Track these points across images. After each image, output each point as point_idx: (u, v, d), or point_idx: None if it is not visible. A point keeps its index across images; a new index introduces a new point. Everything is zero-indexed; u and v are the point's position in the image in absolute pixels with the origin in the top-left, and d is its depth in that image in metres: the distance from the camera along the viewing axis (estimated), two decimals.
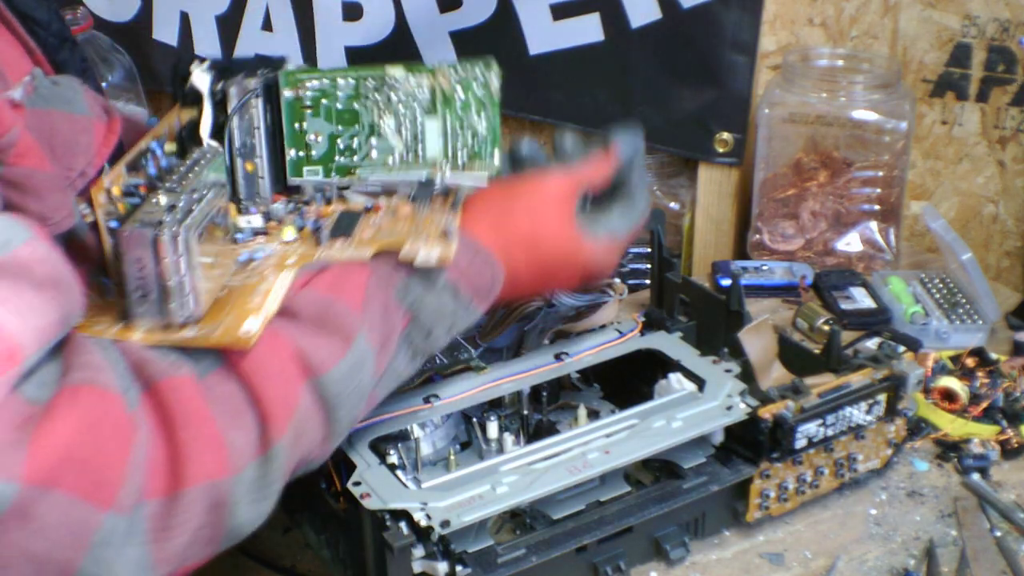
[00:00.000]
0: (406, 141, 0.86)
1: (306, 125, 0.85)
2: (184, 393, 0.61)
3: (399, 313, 0.73)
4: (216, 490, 0.60)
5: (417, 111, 0.85)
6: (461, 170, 0.85)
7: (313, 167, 0.85)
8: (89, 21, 1.39)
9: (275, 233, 0.81)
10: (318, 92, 0.84)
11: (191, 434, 0.59)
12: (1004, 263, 1.42)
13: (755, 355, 0.94)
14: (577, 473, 0.82)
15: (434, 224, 0.80)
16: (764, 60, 1.36)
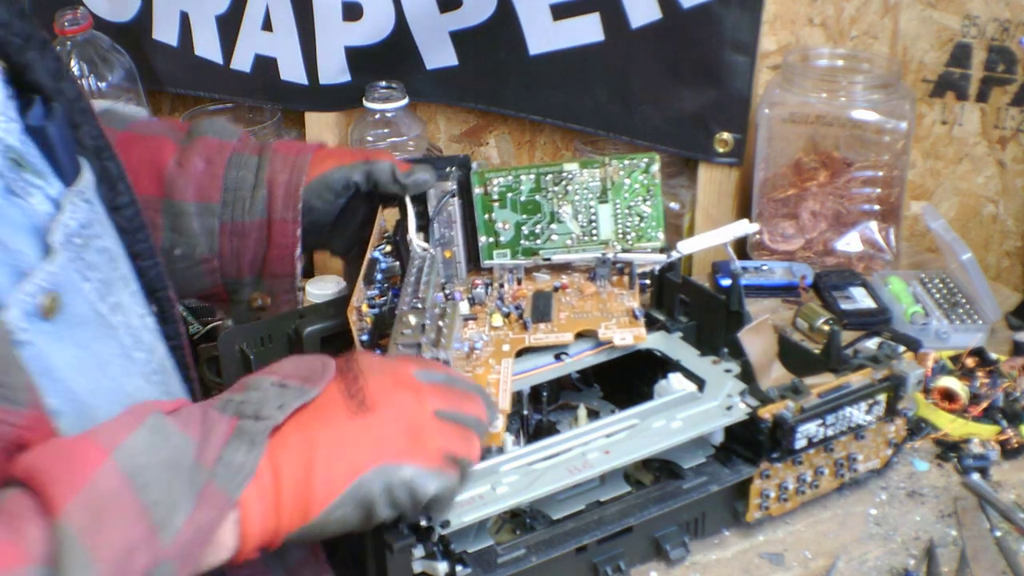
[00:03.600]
0: (582, 225, 1.01)
1: (495, 215, 1.01)
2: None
3: (223, 418, 0.67)
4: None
5: (590, 199, 1.01)
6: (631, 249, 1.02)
7: (502, 251, 1.02)
8: (89, 21, 1.39)
9: (483, 318, 0.97)
10: (504, 187, 1.02)
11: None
12: (1004, 263, 1.42)
13: (755, 355, 0.94)
14: (577, 473, 0.82)
15: (619, 303, 0.99)
16: (764, 60, 1.36)
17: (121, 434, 0.62)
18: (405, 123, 1.41)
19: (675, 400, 0.90)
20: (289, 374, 0.73)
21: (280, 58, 1.44)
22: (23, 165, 0.67)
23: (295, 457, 0.68)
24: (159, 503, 0.61)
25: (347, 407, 0.71)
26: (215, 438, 0.65)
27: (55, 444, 0.61)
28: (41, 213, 0.67)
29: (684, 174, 1.43)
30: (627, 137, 1.39)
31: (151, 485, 0.61)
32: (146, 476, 0.61)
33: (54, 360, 0.64)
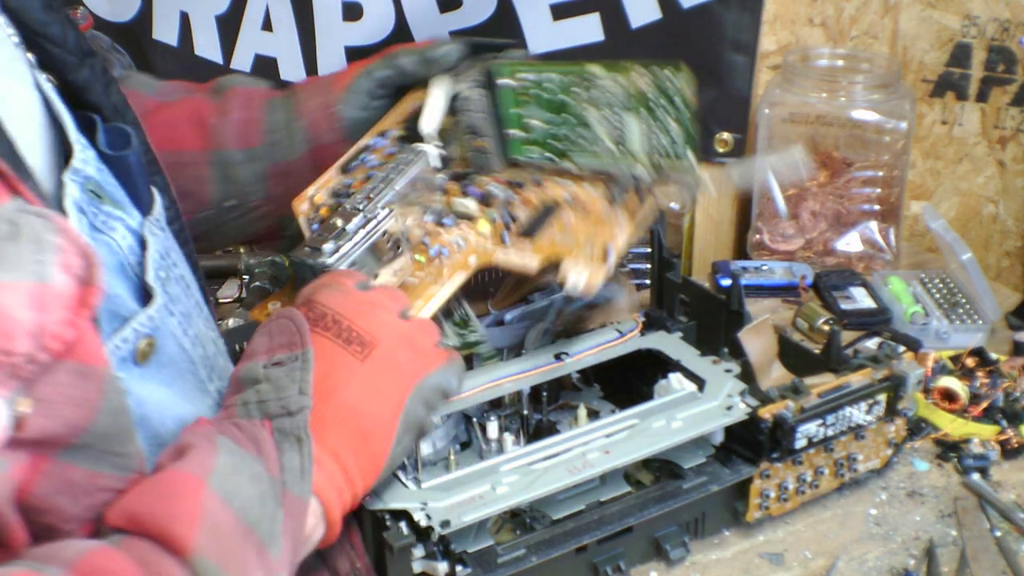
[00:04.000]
0: (610, 133, 0.91)
1: (523, 111, 0.91)
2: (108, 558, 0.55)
3: (257, 424, 0.66)
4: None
5: (616, 106, 0.90)
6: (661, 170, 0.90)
7: (531, 147, 0.92)
8: (89, 21, 1.39)
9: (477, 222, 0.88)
10: (529, 83, 0.92)
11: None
12: (1004, 263, 1.42)
13: (755, 355, 0.94)
14: (577, 473, 0.82)
15: (604, 236, 0.86)
16: (764, 60, 1.36)
17: (207, 460, 0.60)
18: None
19: (675, 400, 0.90)
20: (270, 348, 0.71)
21: (280, 58, 1.44)
22: (102, 197, 0.63)
23: (341, 428, 0.68)
24: (260, 521, 0.60)
25: (352, 354, 0.71)
26: (267, 447, 0.64)
27: (144, 487, 0.59)
28: (124, 248, 0.64)
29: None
30: None
31: (249, 506, 0.60)
32: (241, 498, 0.60)
33: (146, 407, 0.63)
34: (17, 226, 0.52)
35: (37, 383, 0.53)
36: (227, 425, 0.65)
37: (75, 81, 0.67)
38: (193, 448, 0.61)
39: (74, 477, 0.58)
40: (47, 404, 0.54)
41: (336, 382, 0.70)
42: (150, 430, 0.64)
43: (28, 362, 0.52)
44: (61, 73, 0.67)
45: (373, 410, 0.70)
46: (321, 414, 0.68)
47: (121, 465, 0.61)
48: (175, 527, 0.56)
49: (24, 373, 0.52)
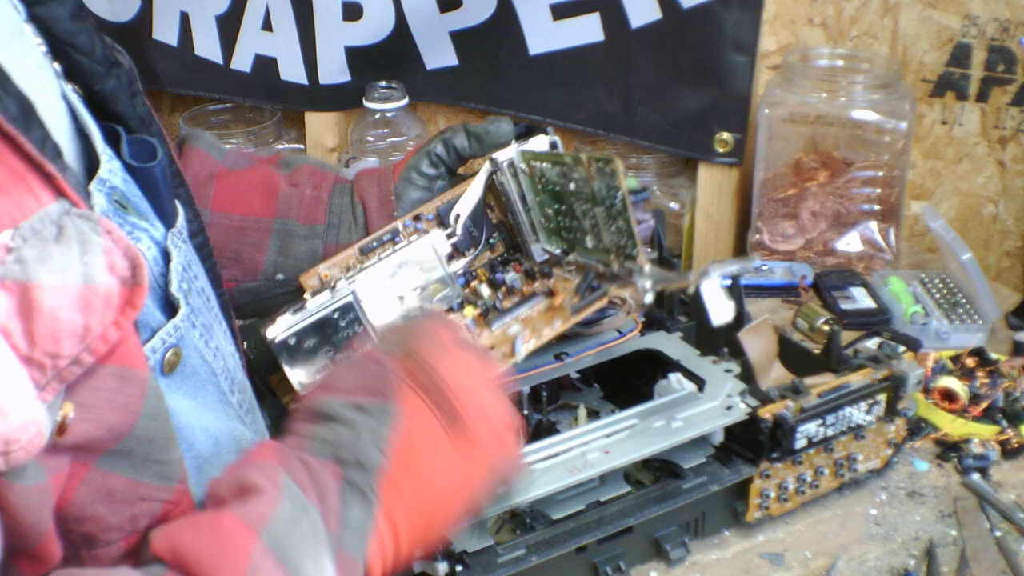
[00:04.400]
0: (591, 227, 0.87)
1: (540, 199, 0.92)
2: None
3: (326, 467, 0.64)
4: None
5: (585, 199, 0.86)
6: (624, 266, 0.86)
7: (555, 237, 0.92)
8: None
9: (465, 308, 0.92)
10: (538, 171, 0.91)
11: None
12: (1004, 263, 1.42)
13: (755, 355, 0.94)
14: (577, 473, 0.82)
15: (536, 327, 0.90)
16: (764, 60, 1.36)
17: (267, 510, 0.58)
18: (405, 123, 1.41)
19: (675, 400, 0.90)
20: (354, 389, 0.68)
21: (280, 58, 1.44)
22: (127, 208, 0.63)
23: (409, 501, 0.66)
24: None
25: (442, 427, 0.68)
26: (331, 498, 0.62)
27: (197, 524, 0.58)
28: (149, 259, 0.63)
29: (684, 174, 1.43)
30: (627, 137, 1.39)
31: (301, 563, 0.58)
32: (293, 553, 0.58)
33: (178, 418, 0.62)
34: (63, 228, 0.52)
35: (80, 387, 0.53)
36: (295, 461, 0.63)
37: (101, 91, 0.66)
38: (256, 492, 0.60)
39: (114, 485, 0.57)
40: (89, 408, 0.53)
41: (420, 452, 0.68)
42: (184, 440, 0.63)
43: (73, 364, 0.52)
44: (87, 83, 0.66)
45: (445, 491, 0.68)
46: (395, 479, 0.66)
47: (163, 474, 0.61)
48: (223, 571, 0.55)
49: (69, 376, 0.52)
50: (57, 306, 0.51)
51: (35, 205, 0.52)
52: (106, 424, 0.55)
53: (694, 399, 0.90)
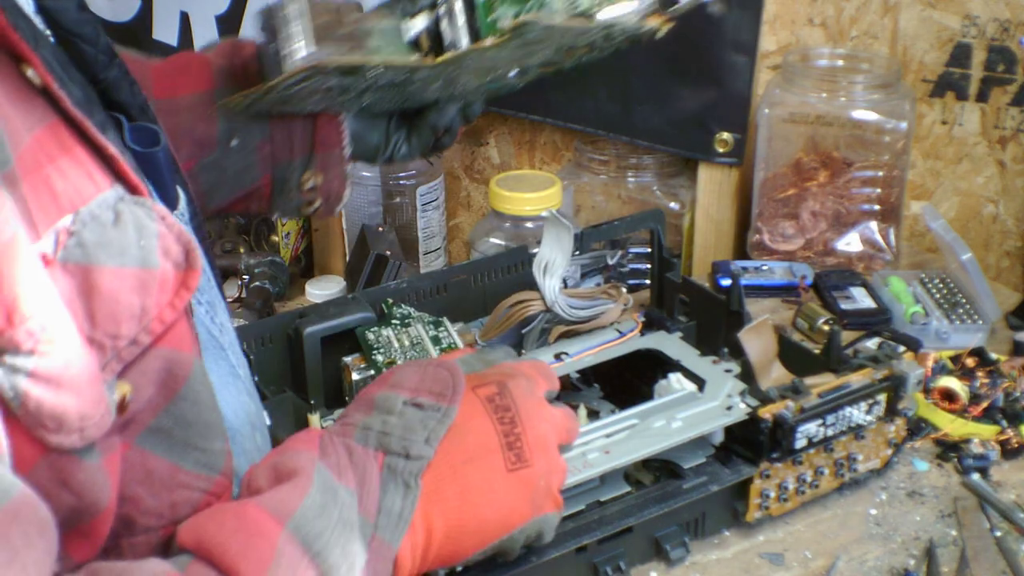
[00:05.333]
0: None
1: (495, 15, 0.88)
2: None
3: (370, 455, 0.66)
4: None
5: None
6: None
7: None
8: None
9: None
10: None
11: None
12: (1004, 263, 1.42)
13: (755, 355, 0.94)
14: (577, 473, 0.82)
15: None
16: (764, 60, 1.36)
17: (292, 503, 0.59)
18: None
19: (675, 400, 0.90)
20: (418, 388, 0.70)
21: None
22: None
23: (448, 512, 0.67)
24: (338, 567, 0.59)
25: (504, 459, 0.70)
26: (371, 483, 0.63)
27: (222, 514, 0.59)
28: None
29: (684, 174, 1.43)
30: (627, 137, 1.39)
31: (329, 551, 0.59)
32: (322, 541, 0.59)
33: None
34: (120, 214, 0.55)
35: (133, 368, 0.55)
36: (337, 446, 0.64)
37: (104, 80, 0.67)
38: (287, 481, 0.61)
39: (153, 467, 0.59)
40: (140, 389, 0.56)
41: (474, 469, 0.68)
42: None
43: (132, 344, 0.54)
44: (92, 72, 0.67)
45: (487, 516, 0.69)
46: (440, 485, 0.67)
47: (204, 462, 0.61)
48: (246, 567, 0.56)
49: (128, 356, 0.54)
50: (117, 288, 0.53)
51: (93, 191, 0.55)
52: (146, 398, 0.57)
53: (694, 399, 0.90)
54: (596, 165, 1.43)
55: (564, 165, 1.48)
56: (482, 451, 0.69)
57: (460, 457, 0.68)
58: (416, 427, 0.67)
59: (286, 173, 0.94)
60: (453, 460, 0.68)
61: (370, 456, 0.65)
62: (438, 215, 1.42)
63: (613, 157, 1.42)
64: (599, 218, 1.40)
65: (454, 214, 1.58)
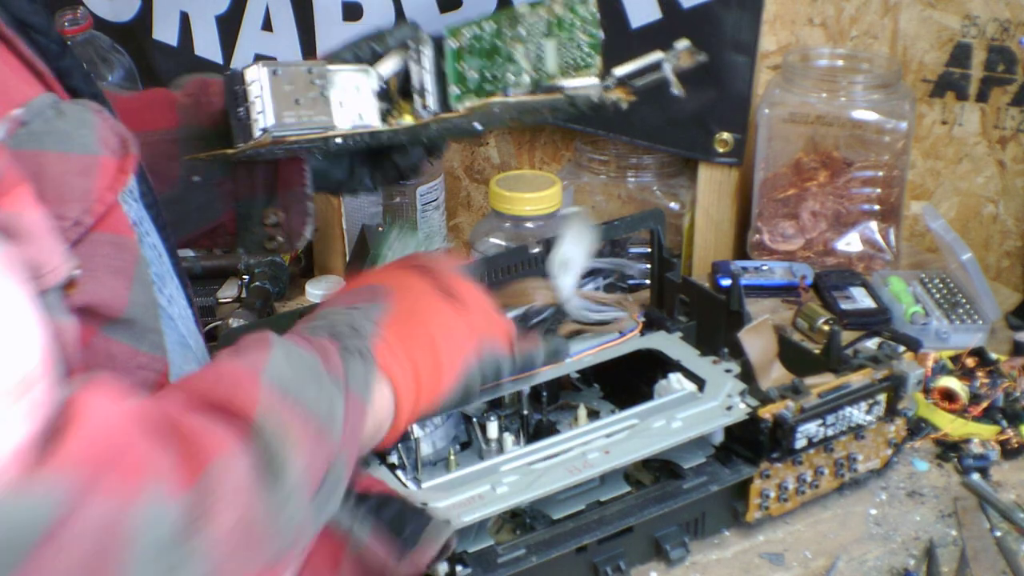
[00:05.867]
0: (532, 62, 0.95)
1: (463, 65, 0.95)
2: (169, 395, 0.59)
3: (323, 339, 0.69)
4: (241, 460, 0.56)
5: (538, 37, 0.95)
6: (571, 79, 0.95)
7: (468, 96, 0.96)
8: (89, 21, 1.39)
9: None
10: (468, 39, 0.96)
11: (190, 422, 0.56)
12: (1004, 263, 1.42)
13: (755, 355, 0.94)
14: (577, 473, 0.82)
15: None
16: (764, 60, 1.36)
17: (259, 359, 0.63)
18: None
19: (675, 400, 0.90)
20: (351, 300, 0.74)
21: (280, 58, 1.44)
22: None
23: (423, 349, 0.72)
24: (318, 405, 0.63)
25: (447, 302, 0.75)
26: (331, 353, 0.67)
27: (198, 375, 0.63)
28: None
29: (684, 174, 1.43)
30: (627, 137, 1.39)
31: (305, 390, 0.62)
32: (297, 384, 0.62)
33: None
34: (61, 109, 0.61)
35: (81, 250, 0.60)
36: (291, 335, 0.68)
37: (58, 68, 0.70)
38: (247, 348, 0.65)
39: (116, 352, 0.64)
40: (91, 272, 0.60)
41: (425, 315, 0.74)
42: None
43: (76, 224, 0.59)
44: (45, 61, 0.69)
45: (447, 347, 0.73)
46: (409, 326, 0.72)
47: (158, 344, 0.68)
48: (235, 392, 0.59)
49: (73, 235, 0.59)
50: (62, 171, 0.59)
51: (33, 93, 0.61)
52: (108, 287, 0.62)
53: (694, 399, 0.90)
54: (596, 165, 1.43)
55: (564, 165, 1.48)
56: (425, 301, 0.75)
57: (408, 311, 0.74)
58: (357, 317, 0.72)
59: (249, 210, 0.97)
60: (411, 308, 0.74)
61: (325, 341, 0.68)
62: (438, 215, 1.42)
63: (613, 157, 1.42)
64: (599, 218, 1.39)
65: (454, 214, 1.58)
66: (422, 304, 0.75)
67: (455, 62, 0.96)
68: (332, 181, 1.01)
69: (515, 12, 0.97)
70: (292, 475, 0.58)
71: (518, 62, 0.95)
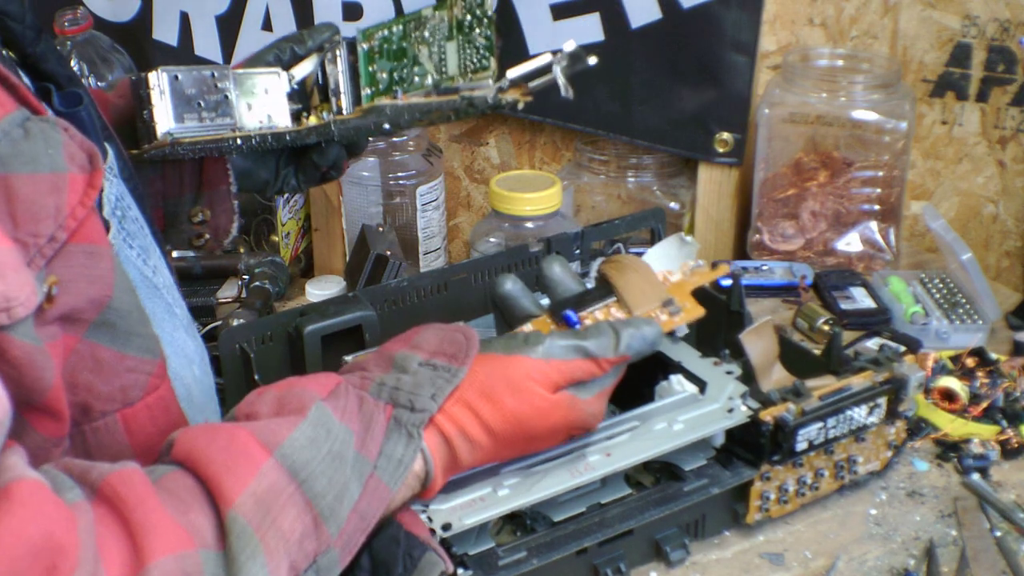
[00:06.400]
0: (435, 65, 0.99)
1: (375, 67, 0.99)
2: (132, 480, 0.58)
3: (380, 406, 0.70)
4: (186, 562, 0.57)
5: (441, 39, 0.98)
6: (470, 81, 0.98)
7: (379, 96, 1.00)
8: (89, 21, 1.39)
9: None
10: (381, 40, 0.99)
11: (145, 514, 0.57)
12: (1004, 263, 1.43)
13: (756, 357, 0.94)
14: (578, 476, 0.82)
15: None
16: (764, 60, 1.36)
17: (281, 433, 0.64)
18: None
19: (676, 402, 0.90)
20: (435, 351, 0.75)
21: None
22: None
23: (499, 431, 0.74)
24: (324, 495, 0.63)
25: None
26: (375, 429, 0.68)
27: (216, 431, 0.63)
28: None
29: (684, 174, 1.43)
30: (627, 137, 1.39)
31: (315, 478, 0.63)
32: (309, 470, 0.63)
33: None
34: (28, 130, 0.62)
35: (57, 264, 0.61)
36: (350, 393, 0.69)
37: (33, 54, 0.73)
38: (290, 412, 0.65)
39: (102, 356, 0.65)
40: (69, 283, 0.62)
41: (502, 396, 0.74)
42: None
43: (51, 241, 0.61)
44: (20, 48, 0.72)
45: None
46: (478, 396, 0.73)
47: (144, 347, 0.69)
48: (225, 477, 0.60)
49: (48, 252, 0.61)
50: (33, 192, 0.60)
51: (2, 113, 0.61)
52: (86, 295, 0.63)
53: (695, 401, 0.90)
54: (596, 165, 1.43)
55: (564, 165, 1.48)
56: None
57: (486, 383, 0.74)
58: (425, 384, 0.72)
59: (176, 208, 1.00)
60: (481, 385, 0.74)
61: (379, 407, 0.70)
62: (438, 215, 1.42)
63: (613, 157, 1.42)
64: (599, 218, 1.40)
65: (454, 214, 1.58)
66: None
67: (367, 64, 1.00)
68: (258, 180, 1.04)
69: (421, 15, 1.00)
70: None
71: (423, 64, 0.98)
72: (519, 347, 0.76)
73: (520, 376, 0.74)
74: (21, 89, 0.63)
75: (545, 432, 0.77)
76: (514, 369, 0.74)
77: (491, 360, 0.75)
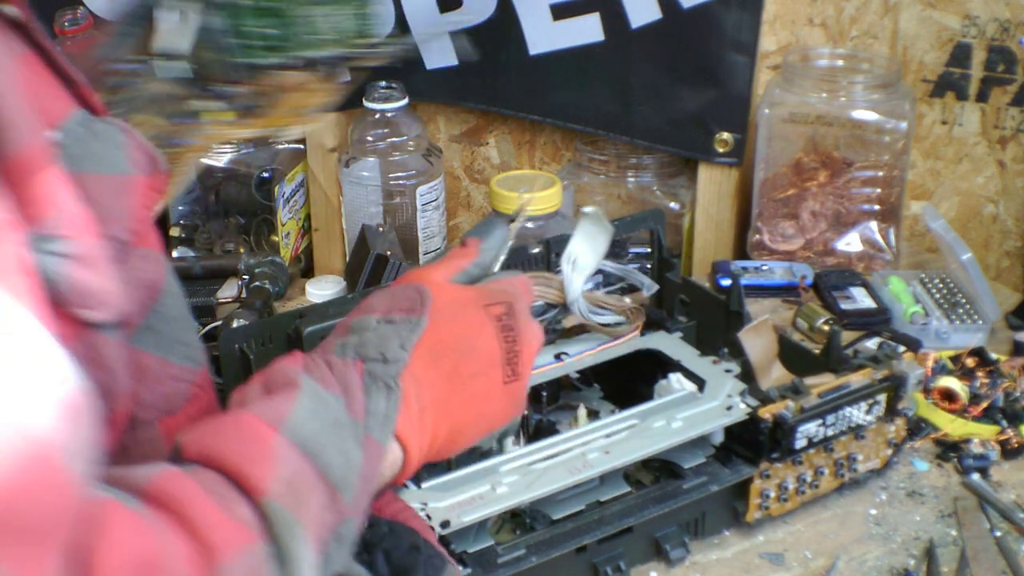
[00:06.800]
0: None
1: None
2: (179, 480, 0.57)
3: (349, 364, 0.69)
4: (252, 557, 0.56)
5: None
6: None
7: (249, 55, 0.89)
8: (89, 21, 1.39)
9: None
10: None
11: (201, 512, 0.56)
12: (1004, 263, 1.42)
13: (755, 355, 0.94)
14: (577, 473, 0.82)
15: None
16: (764, 60, 1.36)
17: (284, 408, 0.63)
18: (405, 123, 1.41)
19: (675, 400, 0.90)
20: (389, 308, 0.74)
21: None
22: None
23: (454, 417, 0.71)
24: (333, 466, 0.62)
25: (503, 373, 0.74)
26: (354, 389, 0.67)
27: (220, 425, 0.63)
28: None
29: (684, 174, 1.43)
30: (627, 137, 1.39)
31: (323, 449, 0.62)
32: (316, 442, 0.62)
33: None
34: (93, 129, 0.61)
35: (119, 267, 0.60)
36: (318, 362, 0.69)
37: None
38: (276, 392, 0.65)
39: (147, 363, 0.64)
40: (126, 287, 0.60)
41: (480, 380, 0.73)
42: None
43: (117, 244, 0.60)
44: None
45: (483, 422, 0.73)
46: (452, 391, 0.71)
47: (188, 355, 0.68)
48: (250, 468, 0.59)
49: (117, 255, 0.59)
50: (102, 193, 0.59)
51: (66, 111, 0.60)
52: (139, 299, 0.62)
53: (694, 399, 0.90)
54: (596, 165, 1.43)
55: (564, 165, 1.48)
56: (488, 366, 0.73)
57: (469, 369, 0.73)
58: (390, 336, 0.71)
59: None
60: (463, 372, 0.72)
61: (349, 365, 0.69)
62: (438, 215, 1.42)
63: (613, 157, 1.42)
64: None
65: (454, 214, 1.58)
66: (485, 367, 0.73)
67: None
68: None
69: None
70: (302, 565, 0.58)
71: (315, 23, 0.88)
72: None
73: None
74: (83, 87, 0.63)
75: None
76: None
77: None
